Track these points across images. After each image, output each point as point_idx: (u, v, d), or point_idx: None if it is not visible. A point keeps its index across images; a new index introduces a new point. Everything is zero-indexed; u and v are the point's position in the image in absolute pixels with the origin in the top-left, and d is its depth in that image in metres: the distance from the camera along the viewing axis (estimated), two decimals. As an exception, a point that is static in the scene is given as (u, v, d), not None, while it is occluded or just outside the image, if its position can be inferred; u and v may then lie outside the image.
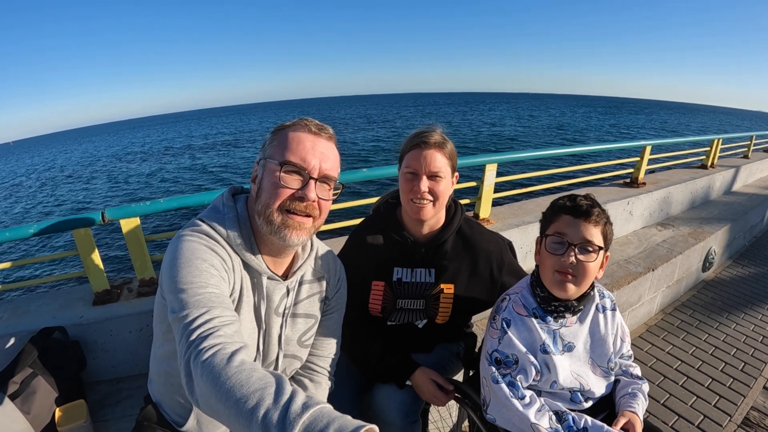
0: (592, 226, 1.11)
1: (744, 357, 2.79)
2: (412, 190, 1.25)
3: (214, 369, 0.67)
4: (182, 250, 0.88)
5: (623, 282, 2.84)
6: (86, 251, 1.81)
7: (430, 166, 1.23)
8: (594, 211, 1.11)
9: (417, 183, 1.24)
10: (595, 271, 1.13)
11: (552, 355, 1.15)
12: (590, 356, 1.20)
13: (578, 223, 1.12)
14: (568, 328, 1.18)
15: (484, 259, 1.39)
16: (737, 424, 2.21)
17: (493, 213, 3.09)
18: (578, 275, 1.11)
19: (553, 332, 1.17)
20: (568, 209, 1.14)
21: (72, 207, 16.52)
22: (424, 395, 1.31)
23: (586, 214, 1.11)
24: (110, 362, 1.82)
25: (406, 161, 1.28)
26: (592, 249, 1.10)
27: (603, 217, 1.13)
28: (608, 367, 1.21)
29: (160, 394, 1.09)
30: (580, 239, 1.11)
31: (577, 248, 1.11)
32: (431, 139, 1.24)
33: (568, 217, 1.13)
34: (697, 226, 3.99)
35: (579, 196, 1.16)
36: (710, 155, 5.40)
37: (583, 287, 1.15)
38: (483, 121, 45.42)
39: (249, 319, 1.00)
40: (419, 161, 1.24)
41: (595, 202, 1.14)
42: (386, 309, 1.38)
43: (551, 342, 1.16)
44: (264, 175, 0.96)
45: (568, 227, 1.13)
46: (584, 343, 1.19)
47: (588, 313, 1.20)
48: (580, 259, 1.10)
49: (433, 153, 1.24)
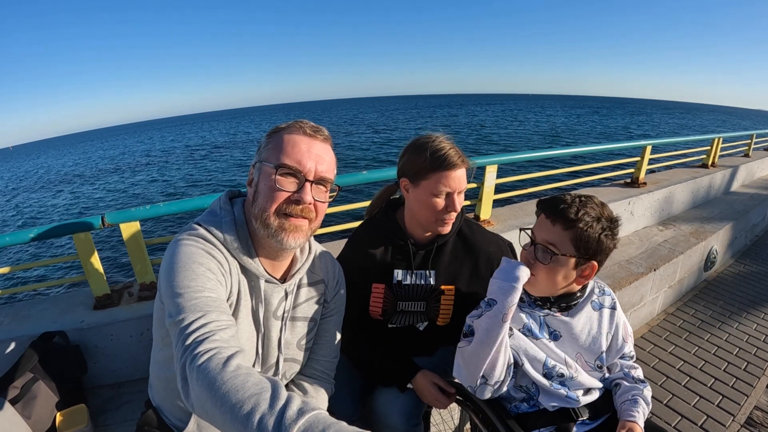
0: (560, 228, 1.06)
1: (747, 356, 2.77)
2: (446, 210, 1.25)
3: (209, 374, 0.67)
4: (179, 255, 0.88)
5: (625, 282, 2.83)
6: (86, 255, 1.81)
7: (461, 186, 1.24)
8: (567, 213, 1.05)
9: (451, 203, 1.24)
10: (557, 277, 1.09)
11: (537, 339, 1.15)
12: (577, 351, 1.18)
13: (546, 222, 1.09)
14: (556, 317, 1.17)
15: (484, 261, 1.39)
16: (740, 424, 2.20)
17: (494, 214, 3.09)
18: (537, 275, 1.10)
19: (539, 318, 1.17)
20: (543, 207, 1.12)
21: (72, 211, 16.54)
22: (426, 398, 1.30)
23: (555, 214, 1.07)
24: (111, 367, 1.82)
25: (435, 182, 1.23)
26: (548, 251, 1.06)
27: (579, 223, 1.03)
28: (596, 365, 1.19)
29: (160, 398, 1.09)
30: (541, 239, 1.09)
31: (536, 247, 1.09)
32: (456, 157, 1.22)
33: (542, 215, 1.12)
34: (699, 225, 3.98)
35: (569, 197, 1.10)
36: (711, 154, 5.39)
37: (543, 290, 1.13)
38: (481, 122, 45.53)
39: (247, 323, 1.00)
40: (454, 183, 1.23)
41: (580, 207, 1.05)
42: (387, 311, 1.38)
43: (537, 327, 1.16)
44: (260, 179, 0.96)
45: (537, 225, 1.13)
46: (572, 336, 1.17)
47: (581, 309, 1.19)
48: (537, 259, 1.09)
49: (463, 172, 1.25)
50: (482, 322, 1.08)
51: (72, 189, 22.22)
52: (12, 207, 19.25)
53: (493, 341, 1.06)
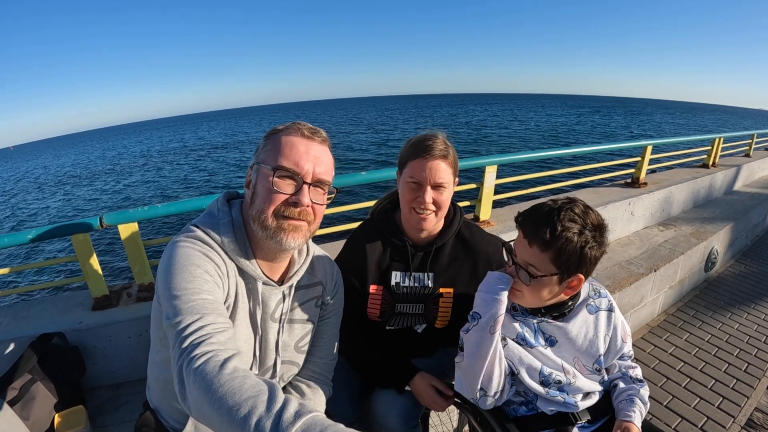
0: (536, 249, 1.01)
1: (747, 357, 2.77)
2: (416, 201, 1.23)
3: (206, 376, 0.67)
4: (176, 256, 0.88)
5: (625, 283, 2.82)
6: (85, 256, 1.81)
7: (434, 178, 1.21)
8: (542, 235, 0.99)
9: (421, 194, 1.21)
10: (542, 293, 1.07)
11: (532, 348, 1.13)
12: (574, 355, 1.17)
13: (524, 242, 1.05)
14: (550, 323, 1.16)
15: (483, 262, 1.38)
16: (740, 426, 2.19)
17: (494, 215, 3.09)
18: (522, 291, 1.08)
19: (533, 326, 1.16)
20: (521, 224, 1.07)
21: (69, 212, 16.51)
22: (424, 401, 1.29)
23: (531, 235, 1.02)
24: (109, 368, 1.82)
25: (409, 170, 1.24)
26: (528, 272, 1.04)
27: (558, 242, 0.98)
28: (594, 368, 1.18)
29: (158, 400, 1.09)
30: (521, 260, 1.06)
31: (516, 267, 1.07)
32: (436, 148, 1.21)
33: (520, 233, 1.07)
34: (699, 225, 3.97)
35: (548, 207, 1.03)
36: (711, 154, 5.38)
37: (531, 303, 1.12)
38: (481, 122, 45.45)
39: (245, 325, 0.99)
40: (424, 172, 1.20)
41: (558, 223, 0.98)
42: (385, 313, 1.37)
43: (531, 335, 1.15)
44: (258, 180, 0.96)
45: (517, 242, 1.09)
46: (568, 341, 1.16)
47: (576, 314, 1.17)
48: (520, 279, 1.07)
49: (438, 163, 1.21)
50: (471, 336, 1.08)
51: (69, 190, 22.17)
52: (9, 208, 19.22)
53: (485, 354, 1.06)
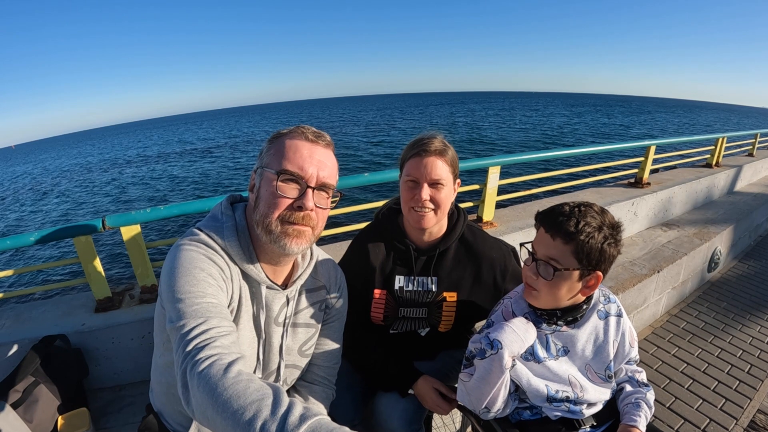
0: (560, 242, 1.01)
1: (750, 359, 2.76)
2: (413, 199, 1.23)
3: (210, 380, 0.67)
4: (180, 260, 0.87)
5: (628, 284, 2.81)
6: (87, 258, 1.81)
7: (431, 174, 1.22)
8: (566, 226, 1.00)
9: (418, 191, 1.22)
10: (561, 290, 1.05)
11: (540, 363, 1.12)
12: (587, 362, 1.16)
13: (546, 237, 1.05)
14: (563, 333, 1.14)
15: (487, 267, 1.37)
16: (743, 428, 2.18)
17: (497, 216, 3.08)
18: (540, 290, 1.07)
19: (544, 337, 1.14)
20: (542, 220, 1.07)
21: (72, 214, 16.51)
22: (427, 404, 1.29)
23: (555, 228, 1.02)
24: (112, 369, 1.82)
25: (406, 169, 1.26)
26: (550, 266, 1.03)
27: (581, 235, 0.99)
28: (606, 375, 1.17)
29: (161, 403, 1.09)
30: (542, 255, 1.05)
31: (538, 263, 1.06)
32: (431, 146, 1.22)
33: (542, 229, 1.08)
34: (702, 226, 3.96)
35: (568, 207, 1.05)
36: (715, 154, 5.36)
37: (548, 303, 1.10)
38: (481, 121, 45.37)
39: (248, 329, 0.99)
40: (420, 169, 1.22)
41: (580, 218, 1.00)
42: (388, 317, 1.37)
43: (542, 347, 1.13)
44: (261, 185, 0.95)
45: (537, 239, 1.09)
46: (580, 349, 1.15)
47: (587, 320, 1.16)
48: (540, 275, 1.06)
49: (434, 160, 1.22)
50: (485, 363, 1.07)
51: (71, 191, 22.15)
52: (12, 209, 19.25)
53: (494, 382, 1.06)
